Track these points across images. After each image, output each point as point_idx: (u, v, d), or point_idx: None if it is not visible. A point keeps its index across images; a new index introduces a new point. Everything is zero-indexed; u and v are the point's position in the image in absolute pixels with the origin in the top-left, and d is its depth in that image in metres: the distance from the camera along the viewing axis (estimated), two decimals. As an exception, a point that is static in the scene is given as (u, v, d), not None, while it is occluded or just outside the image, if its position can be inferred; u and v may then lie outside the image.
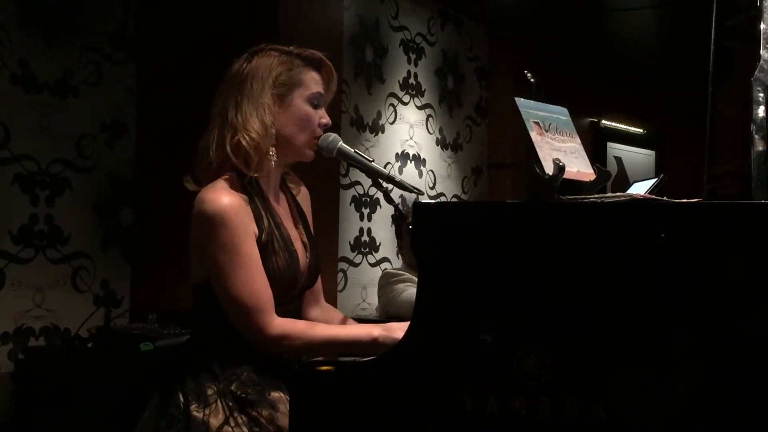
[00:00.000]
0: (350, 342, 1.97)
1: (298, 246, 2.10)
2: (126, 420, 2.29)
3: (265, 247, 1.98)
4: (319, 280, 2.25)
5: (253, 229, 1.98)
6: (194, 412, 1.93)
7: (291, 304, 2.06)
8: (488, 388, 1.63)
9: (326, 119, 2.10)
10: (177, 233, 2.07)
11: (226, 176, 2.00)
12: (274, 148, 2.03)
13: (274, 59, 2.06)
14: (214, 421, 1.92)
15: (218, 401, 1.94)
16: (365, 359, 1.75)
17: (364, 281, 5.06)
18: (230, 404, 1.94)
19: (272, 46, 2.10)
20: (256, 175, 2.02)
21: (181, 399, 1.96)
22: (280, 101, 2.04)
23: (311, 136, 2.08)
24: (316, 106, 2.08)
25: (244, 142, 1.98)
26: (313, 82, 2.08)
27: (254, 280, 1.94)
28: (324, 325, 2.07)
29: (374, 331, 1.96)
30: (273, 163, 2.04)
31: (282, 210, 2.12)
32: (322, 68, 2.12)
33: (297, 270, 2.06)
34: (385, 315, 3.72)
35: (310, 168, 2.24)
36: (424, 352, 1.68)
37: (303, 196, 2.25)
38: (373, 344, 1.94)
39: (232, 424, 1.92)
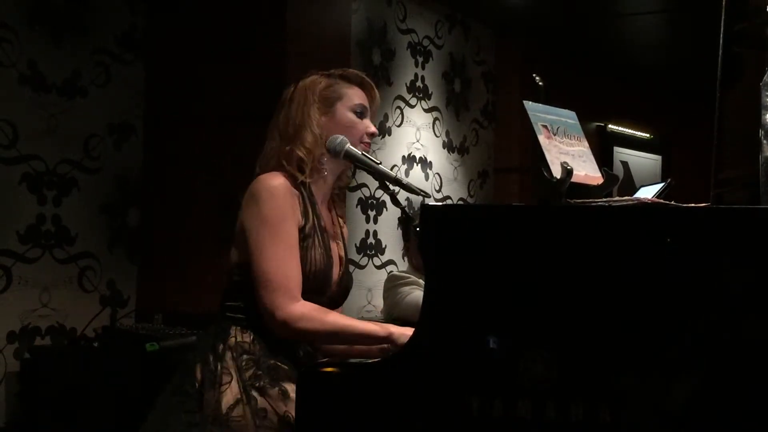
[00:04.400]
0: (365, 334, 2.02)
1: (335, 257, 2.17)
2: (131, 419, 2.30)
3: (306, 238, 2.06)
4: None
5: (298, 216, 2.07)
6: (207, 390, 1.98)
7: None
8: (494, 391, 1.63)
9: (372, 129, 2.21)
10: (183, 234, 2.08)
11: (283, 172, 2.10)
12: (324, 157, 2.13)
13: (317, 78, 2.20)
14: (225, 401, 1.97)
15: (231, 383, 1.98)
16: (370, 361, 1.75)
17: (370, 283, 5.06)
18: (243, 387, 1.98)
19: (315, 71, 2.23)
20: (309, 180, 2.11)
21: (198, 377, 2.01)
22: (326, 112, 2.16)
23: (357, 143, 2.16)
24: (360, 116, 2.19)
25: (297, 151, 2.10)
26: (355, 95, 2.20)
27: (288, 260, 2.01)
28: (339, 314, 2.11)
29: (391, 327, 2.01)
30: (325, 171, 2.14)
31: (326, 221, 2.19)
32: (362, 84, 2.24)
33: (330, 274, 2.12)
34: (390, 317, 3.71)
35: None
36: (430, 354, 1.69)
37: (344, 227, 2.32)
38: (387, 340, 1.98)
39: (244, 401, 1.96)
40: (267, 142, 2.20)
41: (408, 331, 1.94)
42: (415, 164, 5.46)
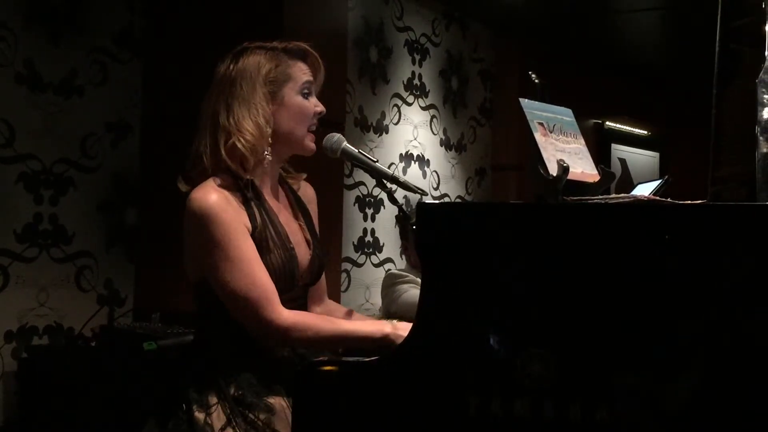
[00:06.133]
0: (361, 337, 1.96)
1: (299, 242, 2.10)
2: (129, 419, 2.30)
3: (258, 244, 1.98)
4: (323, 277, 2.24)
5: (245, 223, 1.98)
6: (197, 413, 1.94)
7: (294, 302, 2.06)
8: (492, 390, 1.63)
9: (320, 107, 2.10)
10: (181, 233, 2.07)
11: (218, 176, 2.00)
12: (270, 148, 2.03)
13: (261, 57, 2.06)
14: (217, 423, 1.93)
15: (218, 404, 1.95)
16: (369, 359, 1.75)
17: (368, 282, 5.06)
18: (230, 407, 1.94)
19: (256, 44, 2.10)
20: (250, 178, 2.01)
21: (185, 402, 1.96)
22: (273, 98, 2.04)
23: (308, 128, 2.09)
24: (307, 96, 2.09)
25: (239, 145, 1.98)
26: (300, 72, 2.08)
27: (253, 272, 1.93)
28: (334, 318, 2.07)
29: (385, 327, 1.96)
30: (267, 162, 2.04)
31: (280, 206, 2.12)
32: (307, 58, 2.12)
33: (295, 267, 2.05)
34: (388, 315, 3.72)
35: (314, 168, 2.24)
36: (427, 352, 1.68)
37: (305, 192, 2.24)
38: (383, 341, 1.93)
39: (233, 424, 1.93)
40: (200, 133, 2.04)
41: (403, 328, 1.93)
42: (412, 162, 5.46)
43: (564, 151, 1.86)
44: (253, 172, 2.03)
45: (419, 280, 3.45)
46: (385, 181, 2.09)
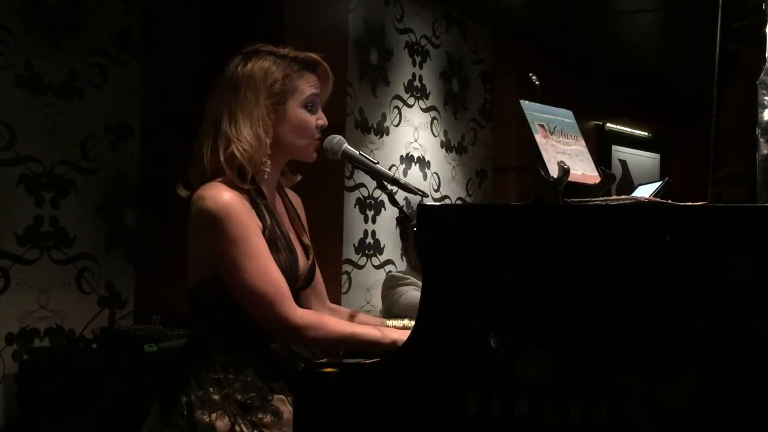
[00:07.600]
0: (370, 341, 1.96)
1: (297, 247, 2.11)
2: (130, 421, 2.29)
3: (269, 243, 1.99)
4: (321, 281, 2.26)
5: (258, 223, 1.98)
6: (199, 417, 1.93)
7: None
8: (492, 391, 1.63)
9: (323, 120, 2.09)
10: (181, 235, 2.07)
11: (223, 177, 1.99)
12: (268, 158, 2.03)
13: (269, 65, 2.04)
14: (221, 425, 1.92)
15: (224, 406, 1.94)
16: (369, 361, 1.75)
17: (369, 283, 5.06)
18: (234, 410, 1.94)
19: (267, 48, 2.08)
20: (248, 187, 2.01)
21: (185, 405, 1.95)
22: (275, 110, 2.03)
23: (310, 140, 2.08)
24: (312, 109, 2.07)
25: (237, 154, 1.97)
26: (307, 85, 2.07)
27: (269, 269, 1.94)
28: (346, 321, 2.08)
29: (393, 334, 1.96)
30: (267, 173, 2.04)
31: (279, 211, 2.13)
32: (317, 69, 2.11)
33: (298, 270, 2.07)
34: (389, 317, 3.71)
35: (315, 170, 2.24)
36: (427, 354, 1.68)
37: (295, 200, 2.25)
38: (390, 346, 1.93)
39: (237, 430, 1.92)
40: (202, 134, 2.03)
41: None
42: (413, 164, 5.46)
43: (564, 152, 1.86)
44: (251, 185, 2.02)
45: (420, 282, 3.45)
46: (385, 183, 2.09)
